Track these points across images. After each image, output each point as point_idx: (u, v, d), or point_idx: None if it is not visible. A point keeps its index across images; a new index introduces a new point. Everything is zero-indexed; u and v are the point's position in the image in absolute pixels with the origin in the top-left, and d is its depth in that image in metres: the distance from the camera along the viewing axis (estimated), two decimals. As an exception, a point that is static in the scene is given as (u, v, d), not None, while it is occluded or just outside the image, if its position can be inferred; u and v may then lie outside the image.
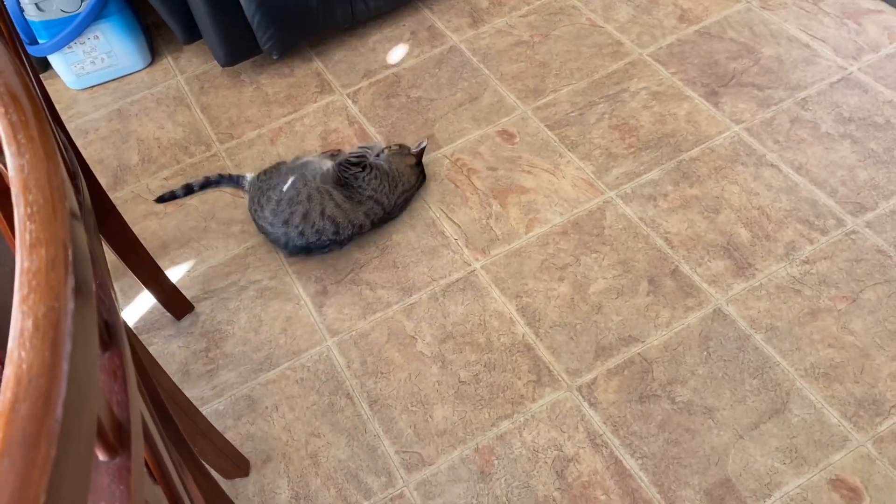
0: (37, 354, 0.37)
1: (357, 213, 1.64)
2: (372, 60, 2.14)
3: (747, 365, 1.44)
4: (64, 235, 0.43)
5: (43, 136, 0.48)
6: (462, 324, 1.56)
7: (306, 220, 1.61)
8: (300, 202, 1.62)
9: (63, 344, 0.38)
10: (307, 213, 1.62)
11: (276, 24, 1.98)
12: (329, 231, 1.62)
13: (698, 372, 1.44)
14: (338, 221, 1.62)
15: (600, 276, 1.60)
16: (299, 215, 1.62)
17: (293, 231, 1.62)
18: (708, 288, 1.56)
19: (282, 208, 1.62)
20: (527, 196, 1.76)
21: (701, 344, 1.48)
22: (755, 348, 1.46)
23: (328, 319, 1.60)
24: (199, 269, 1.72)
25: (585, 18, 2.16)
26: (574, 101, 1.95)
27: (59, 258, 0.41)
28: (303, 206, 1.62)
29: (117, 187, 1.91)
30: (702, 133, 1.84)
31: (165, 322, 1.63)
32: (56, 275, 0.41)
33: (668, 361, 1.46)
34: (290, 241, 1.64)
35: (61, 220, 0.44)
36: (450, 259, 1.67)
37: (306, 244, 1.64)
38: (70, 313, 0.39)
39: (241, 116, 2.04)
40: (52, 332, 0.38)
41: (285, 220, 1.62)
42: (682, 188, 1.74)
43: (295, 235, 1.63)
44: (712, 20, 2.10)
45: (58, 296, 0.40)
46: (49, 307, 0.39)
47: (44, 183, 0.45)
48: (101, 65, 2.17)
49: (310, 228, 1.62)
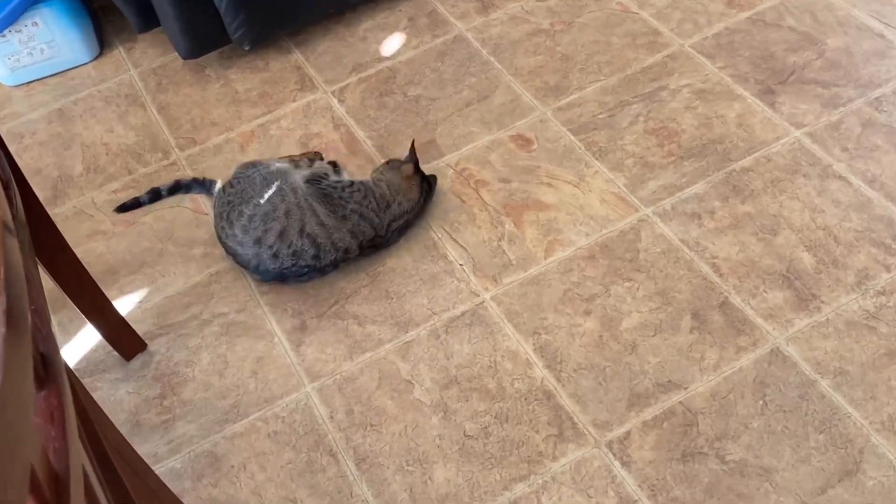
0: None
1: (341, 230, 1.65)
2: (362, 52, 2.16)
3: (812, 417, 1.44)
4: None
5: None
6: (468, 366, 1.56)
7: (282, 239, 1.62)
8: (276, 218, 1.63)
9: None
10: (284, 232, 1.63)
11: (248, 8, 2.00)
12: (308, 254, 1.63)
13: (753, 425, 1.44)
14: (319, 242, 1.63)
15: (634, 310, 1.60)
16: (274, 233, 1.63)
17: (266, 252, 1.63)
18: (764, 324, 1.56)
19: (254, 224, 1.63)
20: (546, 213, 1.77)
21: (756, 391, 1.48)
22: (821, 397, 1.46)
23: (307, 360, 1.60)
24: (154, 300, 1.73)
25: (616, 3, 2.19)
26: (603, 100, 1.96)
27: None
28: (279, 223, 1.63)
29: (57, 201, 1.92)
30: (755, 139, 1.85)
31: (112, 363, 1.64)
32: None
33: (717, 412, 1.46)
34: (262, 263, 1.64)
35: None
36: (454, 288, 1.67)
37: (280, 269, 1.65)
38: (1, 339, 0.40)
39: (206, 118, 2.06)
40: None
41: (257, 239, 1.63)
42: (732, 204, 1.74)
43: (268, 258, 1.63)
44: (767, 5, 2.13)
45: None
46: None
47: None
48: (40, 57, 2.19)
49: (286, 249, 1.62)
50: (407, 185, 1.74)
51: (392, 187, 1.73)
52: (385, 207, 1.70)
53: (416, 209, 1.75)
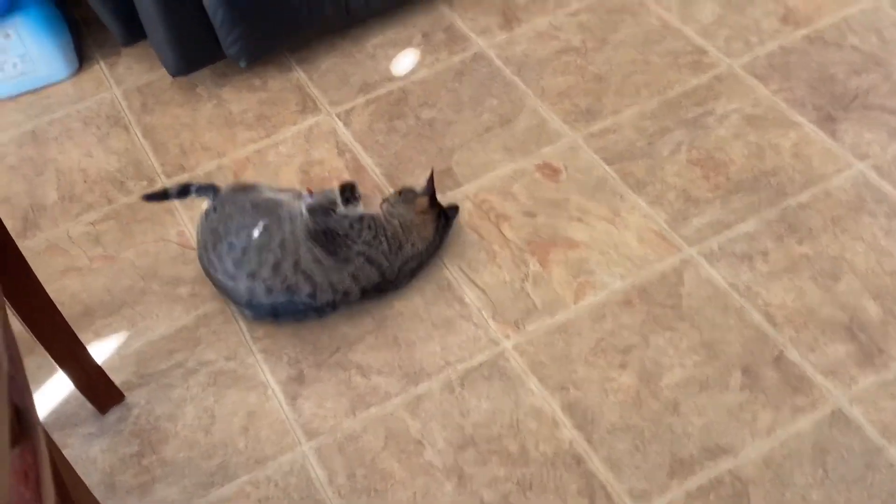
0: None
1: (341, 273, 1.67)
2: (371, 70, 2.20)
3: (879, 489, 1.43)
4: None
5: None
6: (487, 425, 1.56)
7: (276, 273, 1.64)
8: (271, 250, 1.66)
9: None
10: (278, 264, 1.65)
11: (245, 21, 2.05)
12: (303, 291, 1.65)
13: (811, 497, 1.44)
14: (315, 281, 1.65)
15: (677, 363, 1.61)
16: (269, 266, 1.65)
17: (259, 286, 1.65)
18: (824, 381, 1.56)
19: (248, 257, 1.66)
20: (576, 252, 1.79)
21: (815, 458, 1.47)
22: (889, 465, 1.46)
23: (304, 416, 1.61)
24: (134, 345, 1.75)
25: (656, 18, 2.22)
26: (641, 126, 1.99)
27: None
28: (273, 255, 1.65)
29: (27, 233, 1.95)
30: (814, 171, 1.86)
31: (86, 416, 1.65)
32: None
33: (771, 482, 1.46)
34: (255, 297, 1.66)
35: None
36: (471, 335, 1.68)
37: (273, 304, 1.66)
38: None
39: (197, 142, 2.09)
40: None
41: (252, 273, 1.65)
42: (787, 245, 1.75)
43: (261, 291, 1.65)
44: (827, 22, 2.15)
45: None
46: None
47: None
48: (13, 72, 2.24)
49: (280, 283, 1.64)
50: (421, 222, 1.76)
51: (405, 225, 1.74)
52: (397, 249, 1.72)
53: (431, 250, 1.77)
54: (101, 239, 1.92)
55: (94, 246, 1.91)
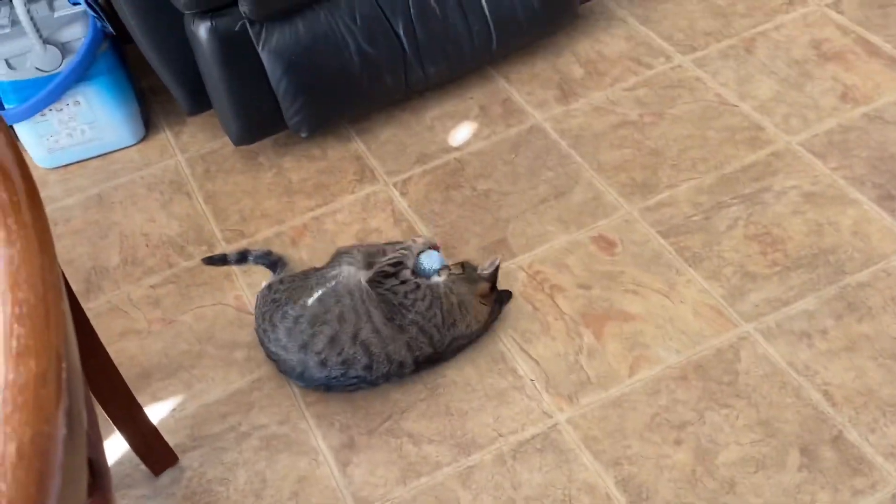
0: (20, 489, 0.40)
1: (398, 342, 1.68)
2: (428, 142, 2.23)
3: (945, 577, 1.39)
4: (58, 344, 0.47)
5: (38, 224, 0.54)
6: (538, 499, 1.55)
7: (332, 346, 1.66)
8: (327, 322, 1.67)
9: (52, 477, 0.41)
10: (335, 337, 1.66)
11: (307, 93, 2.10)
12: (360, 364, 1.66)
13: (874, 583, 1.40)
14: (372, 352, 1.66)
15: (733, 441, 1.59)
16: (324, 339, 1.66)
17: (312, 359, 1.66)
18: (884, 463, 1.53)
19: (301, 328, 1.67)
20: (631, 325, 1.78)
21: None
22: (956, 553, 1.42)
23: (355, 483, 1.61)
24: (189, 408, 1.77)
25: (713, 94, 2.24)
26: (697, 200, 1.99)
27: (51, 372, 0.45)
28: (330, 328, 1.67)
29: (90, 295, 2.00)
30: (874, 250, 1.85)
31: (139, 478, 1.67)
32: (47, 392, 0.44)
33: (830, 566, 1.42)
34: (308, 371, 1.68)
35: (55, 326, 0.48)
36: (524, 407, 1.68)
37: (328, 378, 1.67)
38: (61, 440, 0.43)
39: (257, 209, 2.13)
40: (38, 463, 0.41)
41: (303, 344, 1.67)
42: (847, 323, 1.73)
43: (314, 364, 1.67)
44: (887, 100, 2.15)
45: (48, 418, 0.43)
46: (37, 431, 0.42)
47: (37, 279, 0.50)
48: (81, 138, 2.31)
49: (335, 357, 1.66)
50: (478, 306, 1.76)
51: (463, 304, 1.74)
52: (451, 325, 1.72)
53: (481, 332, 1.78)
54: (160, 302, 1.96)
55: (154, 309, 1.95)
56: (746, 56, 2.32)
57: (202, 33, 1.97)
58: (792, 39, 2.34)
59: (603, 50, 2.39)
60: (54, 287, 0.49)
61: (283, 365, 1.72)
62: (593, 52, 2.39)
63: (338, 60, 2.09)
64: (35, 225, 0.53)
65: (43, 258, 0.51)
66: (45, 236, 0.52)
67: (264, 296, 1.79)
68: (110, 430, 1.61)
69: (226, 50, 2.01)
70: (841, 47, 2.30)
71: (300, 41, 2.04)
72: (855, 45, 2.29)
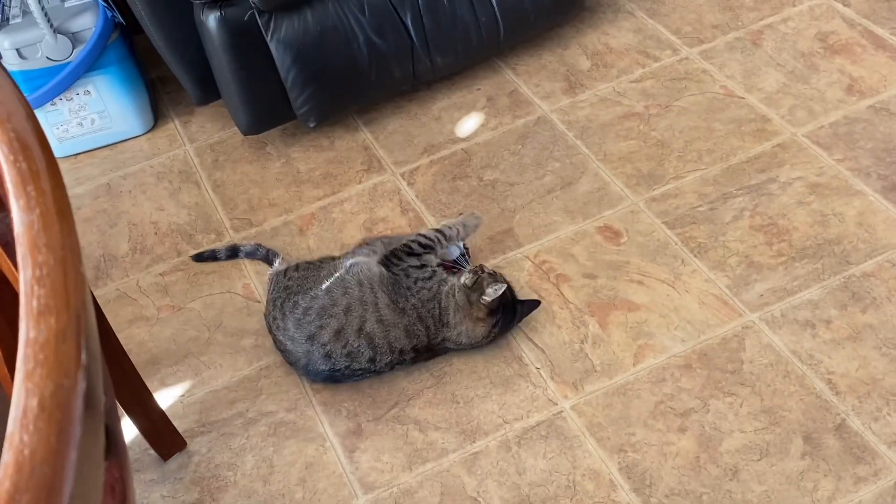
0: (41, 439, 0.42)
1: (398, 328, 1.69)
2: (436, 132, 2.25)
3: (946, 563, 1.40)
4: (77, 304, 0.49)
5: (57, 190, 0.55)
6: (543, 485, 1.57)
7: (338, 339, 1.67)
8: (334, 315, 1.69)
9: (72, 429, 0.43)
10: (341, 330, 1.68)
11: (315, 83, 2.12)
12: (364, 356, 1.67)
13: (875, 569, 1.41)
14: (376, 343, 1.67)
15: (737, 429, 1.60)
16: (330, 331, 1.68)
17: (317, 351, 1.68)
18: (887, 452, 1.54)
19: (309, 319, 1.69)
20: (636, 314, 1.79)
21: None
22: (957, 540, 1.43)
23: (361, 469, 1.63)
24: (197, 394, 1.78)
25: (720, 86, 2.25)
26: (703, 191, 2.00)
27: (70, 329, 0.47)
28: (336, 321, 1.68)
29: (99, 283, 2.02)
30: (878, 240, 1.85)
31: (148, 462, 1.68)
32: (67, 348, 0.46)
33: (832, 552, 1.44)
34: (312, 363, 1.69)
35: (74, 287, 0.50)
36: (529, 395, 1.69)
37: (332, 370, 1.69)
38: (81, 394, 0.45)
39: (265, 198, 2.15)
40: (59, 414, 0.43)
41: (310, 336, 1.68)
42: (851, 313, 1.74)
43: (319, 357, 1.68)
44: (892, 93, 2.16)
45: (67, 372, 0.45)
46: (57, 385, 0.44)
47: (56, 243, 0.52)
48: (91, 127, 2.33)
49: (340, 349, 1.67)
50: (473, 322, 1.72)
51: (459, 312, 1.72)
52: (444, 324, 1.72)
53: (475, 347, 1.75)
54: (169, 290, 1.98)
55: (163, 296, 1.96)
56: (753, 48, 2.33)
57: (211, 23, 1.99)
58: (799, 32, 2.35)
59: (610, 42, 2.41)
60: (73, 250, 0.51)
61: (289, 356, 1.74)
62: (600, 45, 2.40)
63: (346, 51, 2.10)
64: (54, 192, 0.55)
65: (62, 223, 0.52)
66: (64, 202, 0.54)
67: (278, 280, 1.79)
68: (120, 414, 1.63)
69: (235, 40, 2.02)
70: (847, 40, 2.31)
71: (309, 32, 2.06)
72: (861, 38, 2.30)
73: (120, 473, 0.56)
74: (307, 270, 1.79)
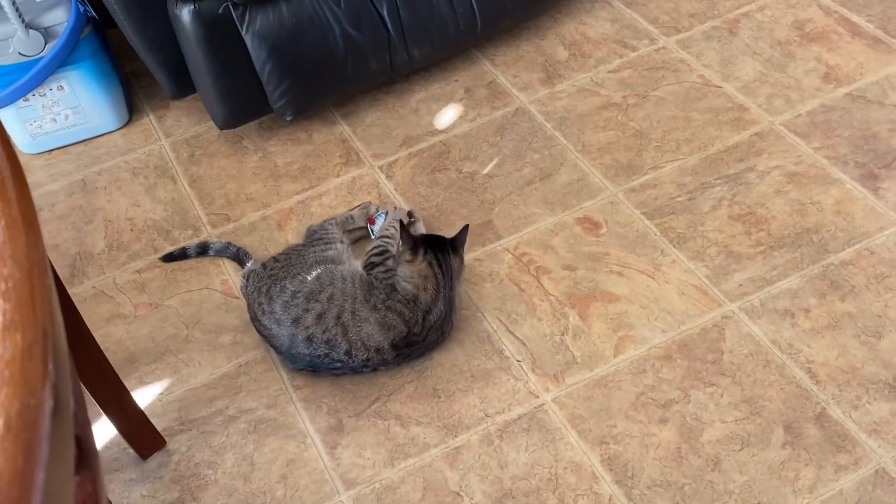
0: (8, 460, 0.40)
1: (371, 324, 1.67)
2: (413, 125, 2.23)
3: (926, 550, 1.41)
4: (44, 319, 0.47)
5: (23, 200, 0.54)
6: (525, 478, 1.56)
7: (319, 323, 1.67)
8: (319, 300, 1.69)
9: (40, 448, 0.41)
10: (322, 315, 1.68)
11: (292, 76, 2.10)
12: (340, 348, 1.66)
13: (856, 558, 1.42)
14: (350, 337, 1.66)
15: (718, 419, 1.60)
16: (313, 315, 1.68)
17: (301, 334, 1.67)
18: (867, 440, 1.54)
19: (297, 302, 1.69)
20: (616, 306, 1.79)
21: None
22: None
23: (343, 465, 1.62)
24: (176, 392, 1.77)
25: (697, 76, 2.24)
26: (681, 181, 2.00)
27: (37, 346, 0.46)
28: (321, 305, 1.69)
29: (75, 281, 1.99)
30: (856, 228, 1.86)
31: (127, 461, 1.67)
32: (33, 366, 0.45)
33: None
34: (295, 346, 1.68)
35: (41, 301, 0.48)
36: (510, 388, 1.69)
37: (313, 356, 1.68)
38: (48, 412, 0.43)
39: (242, 193, 2.13)
40: (26, 435, 0.42)
41: (296, 318, 1.68)
42: (830, 302, 1.75)
43: (301, 340, 1.67)
44: (869, 80, 2.16)
45: (34, 391, 0.44)
46: (24, 404, 0.43)
47: (21, 255, 0.50)
48: (64, 123, 2.30)
49: (321, 334, 1.66)
50: (410, 268, 1.73)
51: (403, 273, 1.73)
52: (413, 299, 1.70)
53: (447, 291, 1.75)
54: (146, 287, 1.96)
55: (140, 294, 1.95)
56: (730, 37, 2.33)
57: (185, 17, 1.96)
58: (775, 20, 2.35)
59: (587, 32, 2.40)
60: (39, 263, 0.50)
61: (274, 340, 1.72)
62: (578, 34, 2.40)
63: (322, 44, 2.09)
64: (20, 202, 0.54)
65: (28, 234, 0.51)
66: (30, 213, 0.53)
67: (258, 275, 1.78)
68: (98, 414, 1.61)
69: (209, 34, 2.00)
70: (824, 28, 2.31)
71: (284, 24, 2.03)
72: (837, 26, 2.31)
73: (93, 487, 0.55)
74: (288, 259, 1.79)
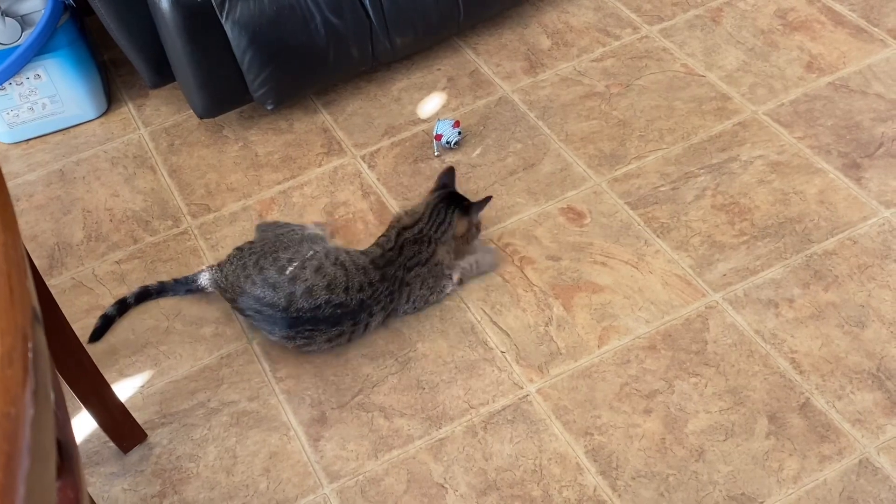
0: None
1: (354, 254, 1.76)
2: (396, 114, 2.22)
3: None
4: (24, 323, 0.46)
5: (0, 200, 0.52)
6: (510, 469, 1.56)
7: (318, 273, 1.69)
8: (315, 258, 1.73)
9: (20, 460, 0.40)
10: (320, 267, 1.70)
11: (272, 64, 2.07)
12: (339, 285, 1.69)
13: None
14: (347, 269, 1.71)
15: (702, 409, 1.60)
16: (311, 269, 1.70)
17: (300, 288, 1.67)
18: (851, 430, 1.55)
19: (294, 264, 1.71)
20: (600, 296, 1.79)
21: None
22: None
23: (326, 457, 1.61)
24: (157, 385, 1.75)
25: (680, 65, 2.24)
26: (664, 171, 1.99)
27: (16, 352, 0.44)
28: (317, 260, 1.72)
29: (53, 272, 1.97)
30: (839, 218, 1.86)
31: (108, 455, 1.65)
32: (13, 373, 0.43)
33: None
34: (294, 303, 1.67)
35: (21, 305, 0.47)
36: (494, 379, 1.68)
37: (313, 307, 1.67)
38: (29, 421, 0.42)
39: (222, 183, 2.11)
40: (6, 446, 0.40)
41: (294, 277, 1.68)
42: (813, 292, 1.75)
43: (301, 293, 1.67)
44: (851, 69, 2.16)
45: (15, 399, 0.42)
46: (4, 414, 0.41)
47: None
48: (42, 112, 2.27)
49: (321, 281, 1.68)
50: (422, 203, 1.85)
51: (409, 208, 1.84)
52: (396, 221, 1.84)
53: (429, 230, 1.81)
54: (126, 278, 1.94)
55: (120, 285, 1.92)
56: (713, 26, 2.32)
57: (165, 4, 1.94)
58: (758, 9, 2.34)
59: (570, 20, 2.39)
60: (18, 265, 0.48)
61: (267, 310, 1.69)
62: (560, 23, 2.38)
63: (303, 32, 2.06)
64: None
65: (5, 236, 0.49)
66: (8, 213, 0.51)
67: (239, 256, 1.76)
68: (77, 408, 1.59)
69: (189, 22, 1.97)
70: (807, 17, 2.31)
71: (265, 12, 2.01)
72: (820, 15, 2.30)
73: (74, 493, 0.54)
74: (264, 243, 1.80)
